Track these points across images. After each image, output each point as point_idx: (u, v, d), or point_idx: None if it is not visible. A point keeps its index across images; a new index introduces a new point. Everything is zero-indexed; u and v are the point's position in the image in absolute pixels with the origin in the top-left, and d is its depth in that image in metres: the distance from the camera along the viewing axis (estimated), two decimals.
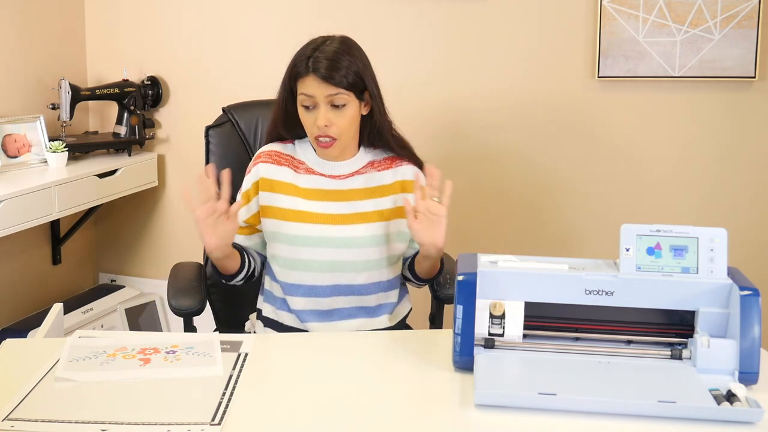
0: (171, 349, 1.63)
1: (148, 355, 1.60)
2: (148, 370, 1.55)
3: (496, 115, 3.03)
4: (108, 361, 1.58)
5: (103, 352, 1.61)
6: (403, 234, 1.96)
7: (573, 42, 2.91)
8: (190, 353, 1.62)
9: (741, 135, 2.84)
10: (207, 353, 1.62)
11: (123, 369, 1.55)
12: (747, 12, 2.71)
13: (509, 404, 1.41)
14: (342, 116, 1.87)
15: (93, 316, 3.33)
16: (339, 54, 1.85)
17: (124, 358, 1.59)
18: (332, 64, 1.83)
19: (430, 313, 2.21)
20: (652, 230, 1.58)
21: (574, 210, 3.03)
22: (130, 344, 1.65)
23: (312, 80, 1.84)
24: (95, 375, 1.53)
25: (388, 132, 1.96)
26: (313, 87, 1.84)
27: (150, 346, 1.64)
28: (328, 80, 1.83)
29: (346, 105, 1.86)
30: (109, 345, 1.65)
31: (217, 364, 1.57)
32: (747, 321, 1.49)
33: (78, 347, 1.63)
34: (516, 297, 1.58)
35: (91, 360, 1.58)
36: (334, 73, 1.83)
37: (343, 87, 1.84)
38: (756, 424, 1.37)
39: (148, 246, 3.61)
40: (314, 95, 1.85)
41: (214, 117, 2.33)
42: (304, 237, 1.90)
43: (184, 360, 1.59)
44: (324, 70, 1.83)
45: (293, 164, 1.97)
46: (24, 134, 3.12)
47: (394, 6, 3.08)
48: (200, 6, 3.35)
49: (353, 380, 1.54)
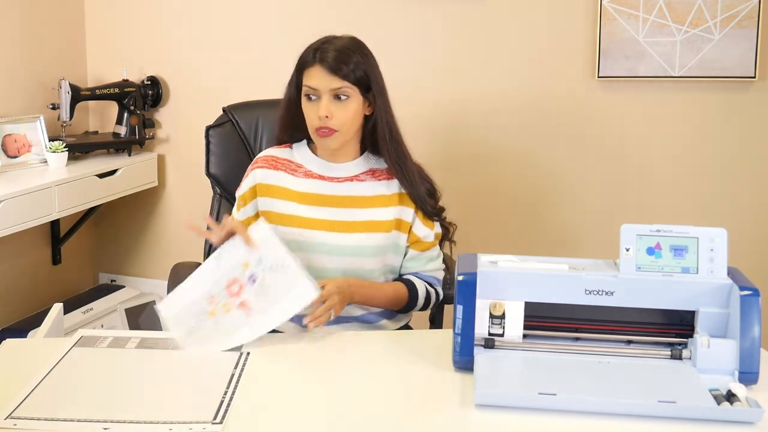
0: (250, 275, 1.69)
1: (237, 294, 1.67)
2: (253, 318, 1.65)
3: (497, 115, 3.03)
4: (216, 322, 1.66)
5: (203, 313, 1.69)
6: (399, 247, 1.95)
7: (573, 42, 2.91)
8: (268, 269, 1.68)
9: (741, 135, 2.84)
10: (281, 264, 1.68)
11: (234, 327, 1.64)
12: (747, 12, 2.72)
13: (509, 404, 1.41)
14: (344, 109, 1.85)
15: (93, 316, 3.33)
16: (347, 48, 1.85)
17: (225, 311, 1.67)
18: (340, 56, 1.83)
19: (430, 313, 2.21)
20: (652, 230, 1.58)
21: (574, 210, 3.03)
22: (215, 290, 1.71)
23: (318, 71, 1.84)
24: (219, 343, 1.63)
25: (386, 139, 1.91)
26: (318, 78, 1.84)
27: (230, 281, 1.70)
28: (334, 71, 1.82)
29: (349, 98, 1.85)
30: (200, 298, 1.71)
31: (301, 278, 1.65)
32: (747, 321, 1.49)
33: (174, 318, 1.70)
34: (516, 297, 1.58)
35: (202, 328, 1.66)
36: (340, 65, 1.83)
37: (348, 80, 1.83)
38: (756, 424, 1.37)
39: (148, 246, 3.61)
40: (318, 87, 1.84)
41: (214, 117, 2.33)
42: (300, 242, 1.88)
43: (270, 282, 1.67)
44: (331, 61, 1.83)
45: (290, 168, 1.95)
46: (24, 134, 3.12)
47: (394, 7, 3.08)
48: (200, 6, 3.35)
49: (354, 380, 1.54)
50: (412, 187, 1.94)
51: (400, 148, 1.94)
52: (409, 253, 1.97)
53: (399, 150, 1.94)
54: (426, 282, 1.97)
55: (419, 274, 1.98)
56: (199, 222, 1.83)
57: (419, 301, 1.95)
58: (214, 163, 2.27)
